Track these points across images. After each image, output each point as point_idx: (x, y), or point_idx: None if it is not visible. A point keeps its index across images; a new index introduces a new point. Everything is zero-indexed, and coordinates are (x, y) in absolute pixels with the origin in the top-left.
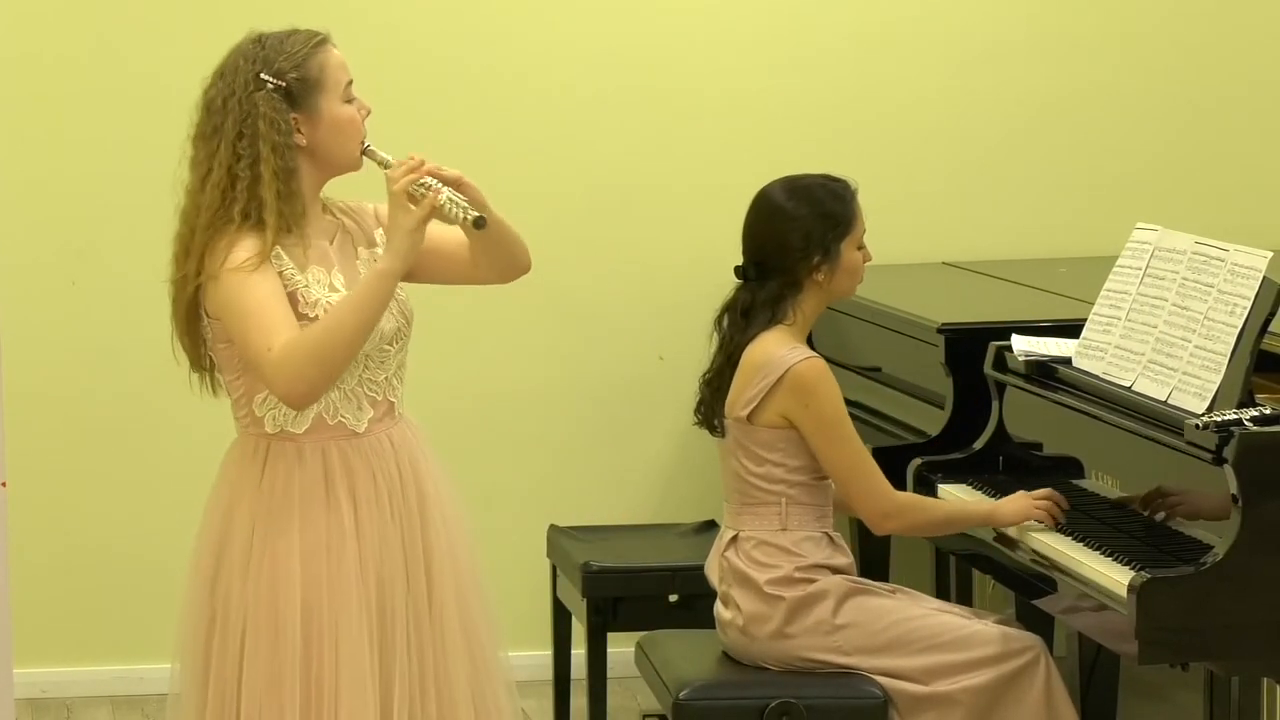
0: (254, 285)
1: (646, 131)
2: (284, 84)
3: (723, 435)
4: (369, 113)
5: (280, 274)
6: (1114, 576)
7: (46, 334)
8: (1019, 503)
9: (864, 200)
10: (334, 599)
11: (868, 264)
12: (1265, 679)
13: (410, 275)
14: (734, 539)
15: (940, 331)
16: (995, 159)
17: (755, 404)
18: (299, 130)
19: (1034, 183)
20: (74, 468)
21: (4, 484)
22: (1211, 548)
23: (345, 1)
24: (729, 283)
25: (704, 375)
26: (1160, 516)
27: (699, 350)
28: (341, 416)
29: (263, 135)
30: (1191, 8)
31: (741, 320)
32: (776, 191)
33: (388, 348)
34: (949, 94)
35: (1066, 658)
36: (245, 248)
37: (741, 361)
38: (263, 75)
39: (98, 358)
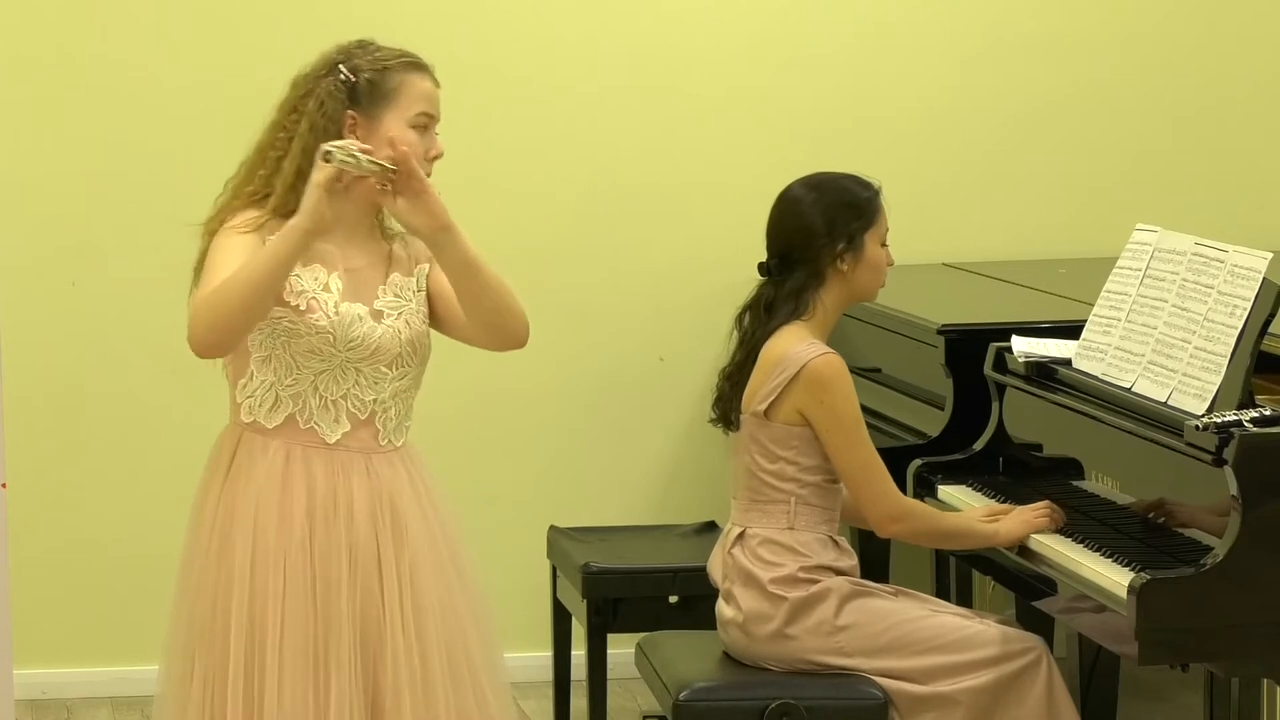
0: (227, 246)
1: (647, 132)
2: (354, 80)
3: (737, 429)
4: (438, 155)
5: None
6: (1114, 577)
7: (46, 334)
8: (1019, 518)
9: None
10: (280, 606)
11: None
12: (1265, 679)
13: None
14: (740, 536)
15: (940, 332)
16: (995, 159)
17: (772, 398)
18: (354, 130)
19: (1034, 183)
20: (74, 468)
21: (4, 484)
22: (1211, 548)
23: (345, 2)
24: (730, 283)
25: (723, 370)
26: (1160, 521)
27: (699, 350)
28: (315, 423)
29: (308, 113)
30: (1191, 8)
31: (764, 315)
32: (798, 186)
33: (385, 370)
34: (949, 94)
35: (1066, 659)
36: (243, 216)
37: (760, 356)
38: (340, 66)
39: (98, 358)
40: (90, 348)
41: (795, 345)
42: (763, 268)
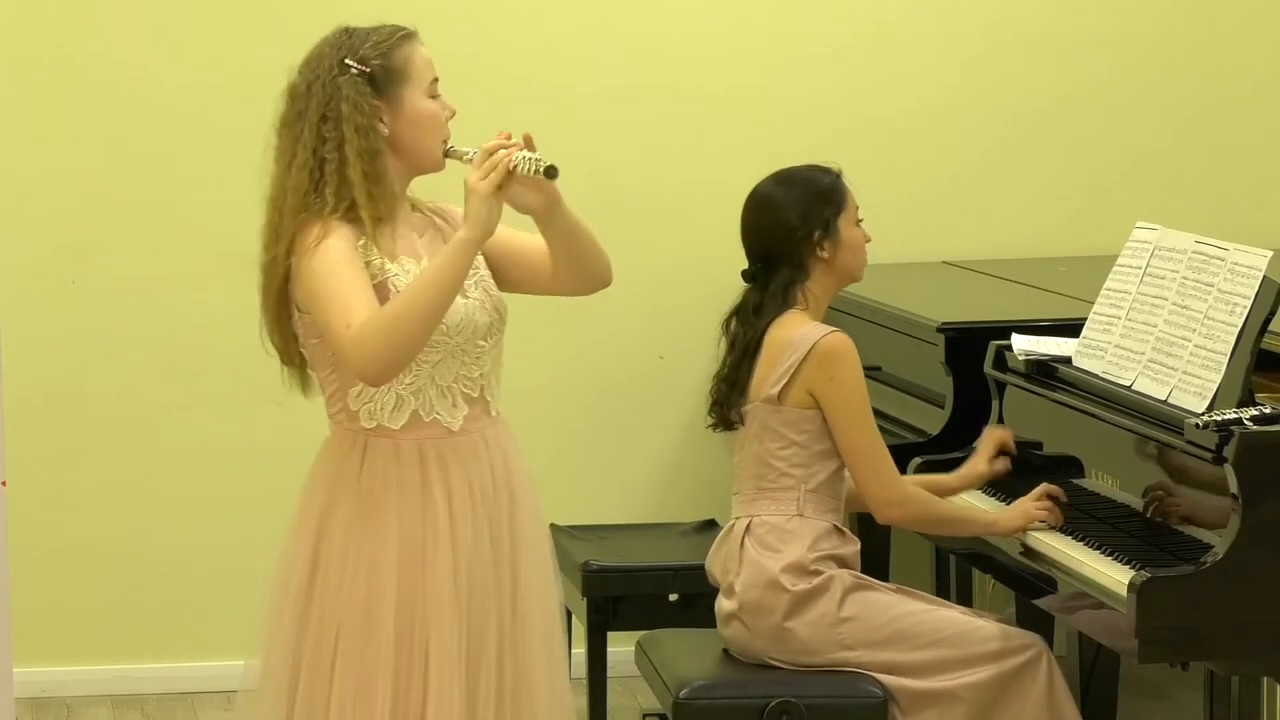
0: (338, 268)
1: (646, 131)
2: (368, 70)
3: (741, 425)
4: (453, 114)
5: (369, 264)
6: (1114, 575)
7: (46, 334)
8: (1019, 508)
9: (864, 200)
10: (428, 602)
11: (869, 261)
12: (1265, 678)
13: (498, 283)
14: (746, 527)
15: (940, 331)
16: (995, 159)
17: (784, 381)
18: (382, 120)
19: (1034, 183)
20: (74, 468)
21: (4, 484)
22: (1211, 547)
23: (346, 2)
24: (730, 283)
25: (717, 374)
26: (1160, 518)
27: (699, 350)
28: (437, 414)
29: (346, 117)
30: (1191, 8)
31: (753, 317)
32: (765, 185)
33: (482, 343)
34: (949, 94)
35: (1066, 657)
36: (338, 234)
37: (764, 345)
38: (347, 61)
39: (98, 357)
40: (90, 348)
41: (800, 328)
42: (746, 274)
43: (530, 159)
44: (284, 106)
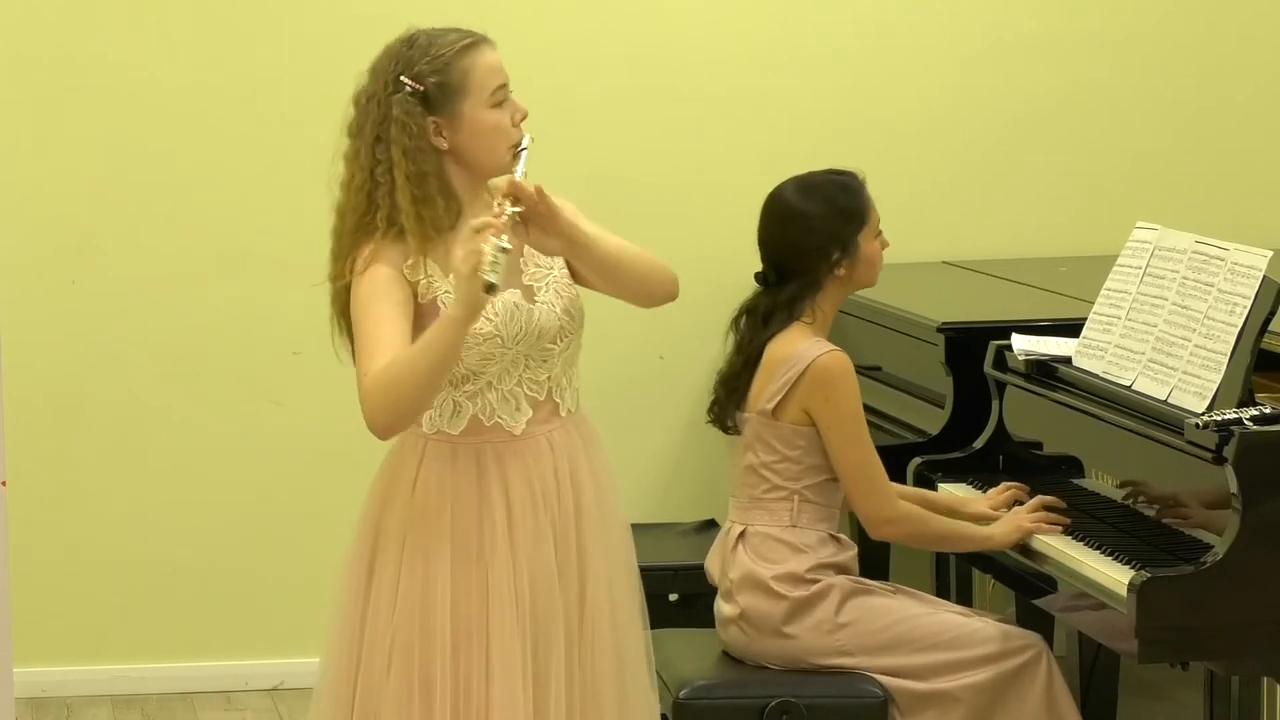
0: (372, 303)
1: (646, 131)
2: (422, 88)
3: (737, 433)
4: (524, 116)
5: (418, 283)
6: (1114, 575)
7: (46, 334)
8: (1013, 521)
9: None
10: (485, 605)
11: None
12: (1265, 678)
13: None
14: (741, 534)
15: (940, 331)
16: (995, 159)
17: (779, 398)
18: (440, 134)
19: (1034, 183)
20: (74, 468)
21: (4, 484)
22: (1211, 547)
23: (346, 2)
24: (730, 283)
25: (719, 375)
26: (1160, 518)
27: (699, 350)
28: (499, 418)
29: (395, 140)
30: (1191, 8)
31: (761, 323)
32: (787, 193)
33: (550, 346)
34: (949, 93)
35: (1066, 657)
36: (384, 259)
37: (764, 358)
38: (402, 78)
39: (98, 357)
40: (90, 348)
41: (799, 345)
42: (759, 277)
43: (492, 253)
44: (352, 114)
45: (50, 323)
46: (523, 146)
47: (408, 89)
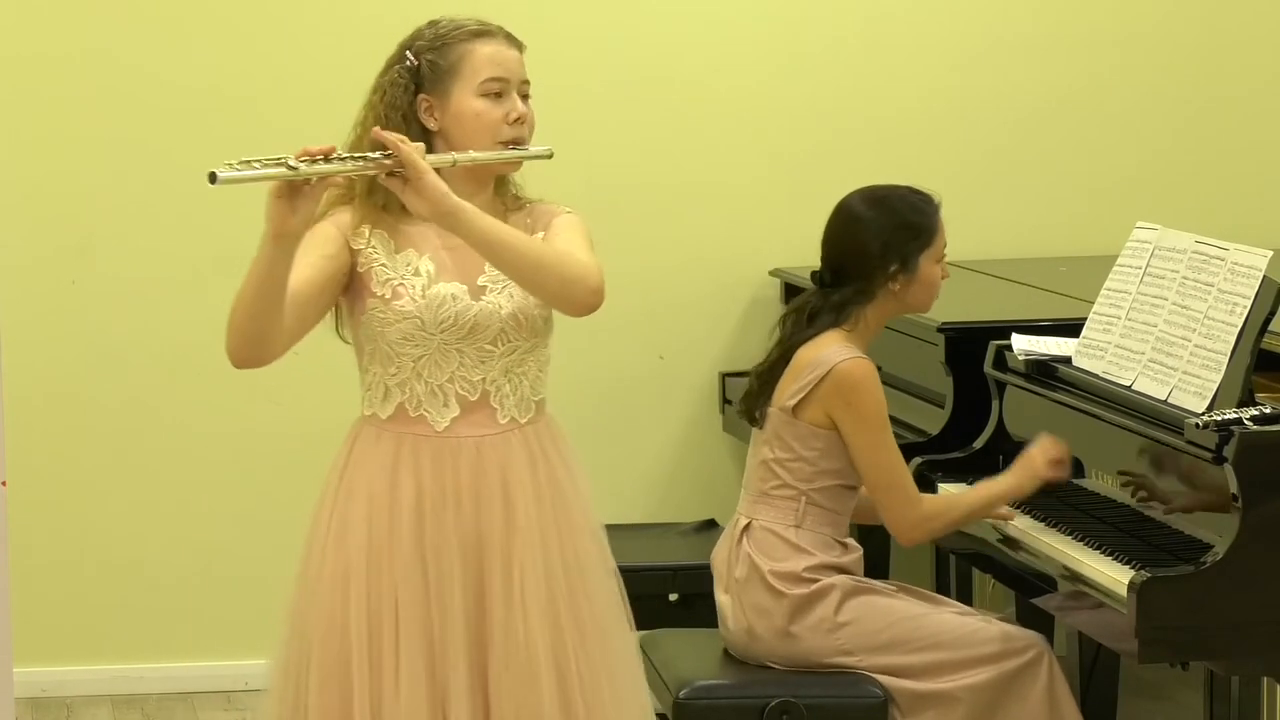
0: (301, 251)
1: (647, 131)
2: (417, 63)
3: (761, 425)
4: (520, 118)
5: (359, 252)
6: (1114, 575)
7: (46, 334)
8: (1028, 470)
9: None
10: (391, 599)
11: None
12: (1265, 678)
13: None
14: (746, 527)
15: (940, 331)
16: (995, 159)
17: (800, 397)
18: (431, 114)
19: (1034, 183)
20: (74, 468)
21: (4, 484)
22: (1211, 547)
23: (347, 2)
24: (730, 283)
25: (756, 367)
26: (1160, 518)
27: (699, 350)
28: (424, 410)
29: (372, 105)
30: (1191, 8)
31: (805, 322)
32: (857, 200)
33: (489, 348)
34: (949, 93)
35: (1066, 657)
36: (334, 219)
37: (795, 358)
38: (407, 51)
39: (98, 357)
40: (90, 348)
41: (827, 349)
42: (815, 276)
43: (264, 158)
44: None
45: (50, 323)
46: (522, 147)
47: (406, 63)
